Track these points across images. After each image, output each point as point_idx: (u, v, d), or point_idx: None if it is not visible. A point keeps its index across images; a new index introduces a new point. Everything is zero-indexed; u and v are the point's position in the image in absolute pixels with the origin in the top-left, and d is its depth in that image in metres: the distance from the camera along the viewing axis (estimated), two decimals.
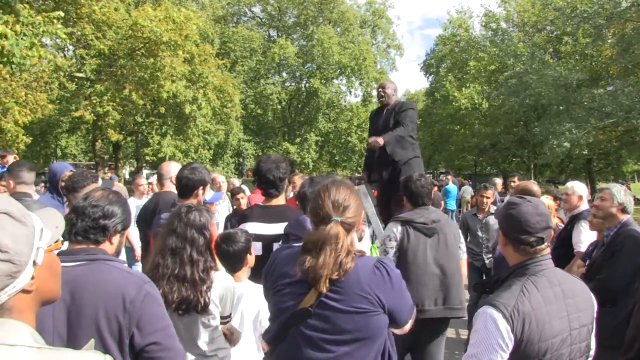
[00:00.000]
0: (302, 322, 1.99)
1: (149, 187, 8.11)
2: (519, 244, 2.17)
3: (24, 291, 1.19)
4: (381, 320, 2.01)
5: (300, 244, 2.08)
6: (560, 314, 2.09)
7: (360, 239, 2.23)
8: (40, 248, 1.22)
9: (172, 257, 2.65)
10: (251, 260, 3.19)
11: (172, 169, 4.61)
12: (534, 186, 5.77)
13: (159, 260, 2.65)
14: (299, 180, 6.50)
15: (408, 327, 2.16)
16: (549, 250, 2.24)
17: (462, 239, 4.33)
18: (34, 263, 1.21)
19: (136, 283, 1.98)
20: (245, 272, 3.19)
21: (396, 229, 3.95)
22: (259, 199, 4.51)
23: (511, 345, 2.00)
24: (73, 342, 1.87)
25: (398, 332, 2.16)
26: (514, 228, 2.18)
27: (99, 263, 2.01)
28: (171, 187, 4.40)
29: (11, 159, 7.03)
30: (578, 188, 4.97)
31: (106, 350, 1.85)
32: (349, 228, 2.04)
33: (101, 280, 1.95)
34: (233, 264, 3.12)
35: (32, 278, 1.20)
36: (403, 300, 2.09)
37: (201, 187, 3.65)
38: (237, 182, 9.15)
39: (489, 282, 2.43)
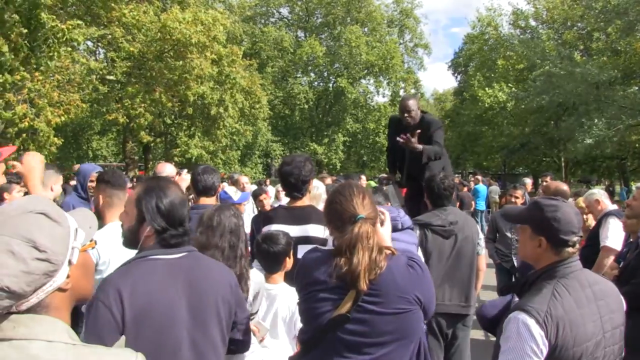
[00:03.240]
0: (339, 328, 1.98)
1: None
2: (564, 245, 2.12)
3: (60, 289, 1.23)
4: (418, 317, 2.05)
5: (326, 247, 2.14)
6: (593, 317, 2.05)
7: (382, 223, 2.22)
8: (75, 247, 1.26)
9: (230, 252, 2.68)
10: (289, 263, 3.19)
11: (166, 169, 4.77)
12: (563, 186, 5.74)
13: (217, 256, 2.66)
14: (326, 181, 6.52)
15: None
16: (577, 252, 2.21)
17: (481, 235, 4.34)
18: (69, 262, 1.24)
19: (229, 270, 2.26)
20: (281, 275, 3.21)
21: (415, 233, 3.97)
22: None
23: (545, 351, 1.96)
24: (202, 327, 1.99)
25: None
26: (560, 230, 2.10)
27: (195, 253, 2.12)
28: None
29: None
30: (593, 196, 5.01)
31: (221, 331, 2.06)
32: (373, 222, 2.10)
33: (210, 268, 2.12)
34: (271, 265, 3.15)
35: (67, 277, 1.24)
36: (431, 292, 2.12)
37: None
38: (271, 188, 9.23)
39: (515, 286, 2.39)
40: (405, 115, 5.21)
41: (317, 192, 4.20)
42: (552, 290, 2.04)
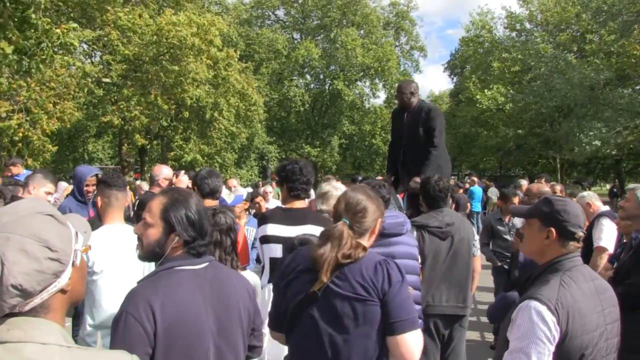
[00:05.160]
0: (310, 306, 2.18)
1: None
2: (571, 238, 2.20)
3: (62, 291, 1.24)
4: (375, 311, 2.13)
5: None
6: (597, 308, 2.11)
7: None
8: (77, 250, 1.28)
9: None
10: None
11: (163, 171, 4.77)
12: (545, 187, 5.81)
13: None
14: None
15: (408, 349, 2.13)
16: (580, 248, 2.28)
17: (476, 237, 4.37)
18: (73, 264, 1.26)
19: (244, 277, 2.28)
20: None
21: (412, 234, 3.98)
22: None
23: (557, 337, 1.99)
24: (226, 336, 2.02)
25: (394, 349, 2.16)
26: (569, 222, 2.19)
27: (215, 262, 2.18)
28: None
29: (20, 168, 7.30)
30: (583, 200, 5.09)
31: (243, 338, 2.11)
32: (358, 230, 2.26)
33: (230, 278, 2.16)
34: None
35: (69, 278, 1.26)
36: (400, 301, 2.15)
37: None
38: (269, 188, 9.19)
39: (518, 282, 2.43)
40: (402, 95, 5.36)
41: (337, 193, 4.20)
42: (560, 280, 2.09)
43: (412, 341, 2.13)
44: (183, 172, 5.40)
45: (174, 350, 1.85)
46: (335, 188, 4.19)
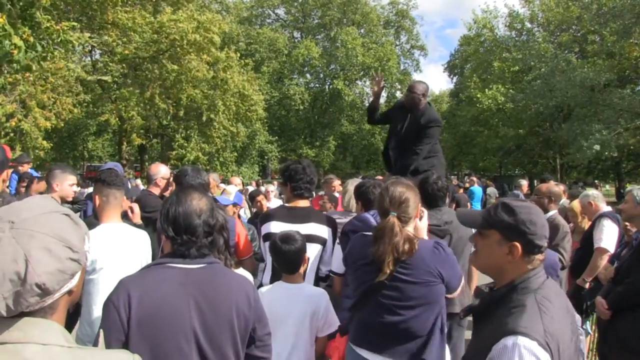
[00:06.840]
0: (378, 292, 2.51)
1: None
2: (537, 252, 1.85)
3: (69, 292, 1.23)
4: (440, 289, 2.55)
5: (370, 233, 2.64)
6: (569, 326, 1.81)
7: (421, 218, 2.75)
8: (87, 251, 1.28)
9: None
10: (307, 260, 3.17)
11: (160, 170, 4.75)
12: (554, 187, 5.78)
13: None
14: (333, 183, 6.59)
15: (457, 293, 2.71)
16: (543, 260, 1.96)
17: None
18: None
19: (249, 283, 2.20)
20: (301, 274, 3.16)
21: None
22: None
23: None
24: (212, 340, 1.96)
25: (449, 296, 2.70)
26: (536, 234, 1.83)
27: (215, 265, 2.09)
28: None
29: (25, 167, 7.30)
30: (586, 199, 5.08)
31: (235, 345, 1.99)
32: (405, 219, 2.55)
33: (228, 281, 2.09)
34: (291, 263, 3.08)
35: (77, 279, 1.25)
36: (454, 271, 2.62)
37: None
38: (272, 187, 9.21)
39: (479, 306, 1.99)
40: (413, 94, 5.17)
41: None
42: (537, 304, 1.74)
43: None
44: None
45: (146, 342, 1.85)
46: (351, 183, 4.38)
